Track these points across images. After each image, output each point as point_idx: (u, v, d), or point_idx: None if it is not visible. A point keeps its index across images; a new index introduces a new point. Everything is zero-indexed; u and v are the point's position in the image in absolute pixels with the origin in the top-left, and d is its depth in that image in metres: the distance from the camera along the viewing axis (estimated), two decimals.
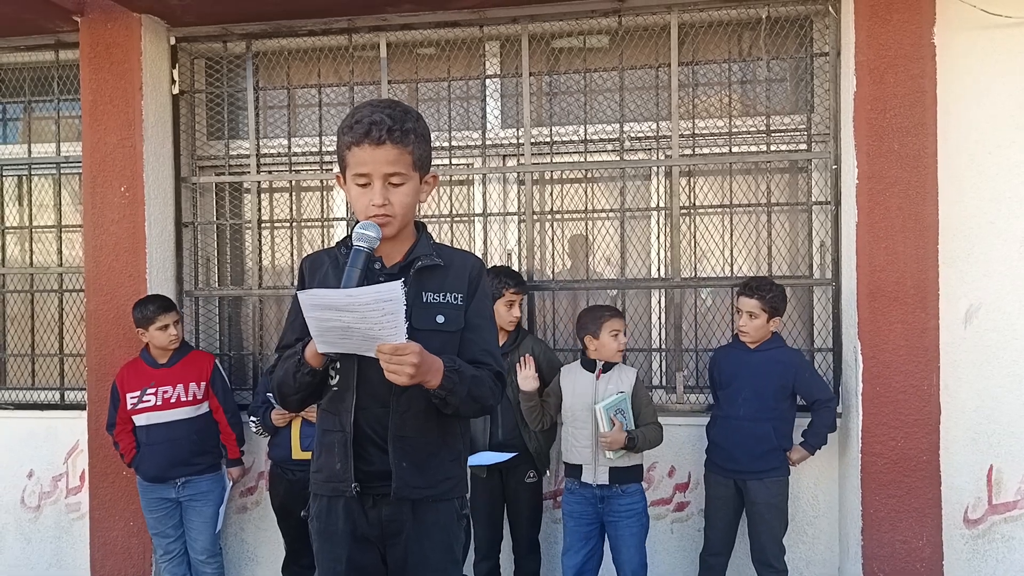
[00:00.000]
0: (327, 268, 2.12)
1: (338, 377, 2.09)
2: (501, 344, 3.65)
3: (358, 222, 1.99)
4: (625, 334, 3.62)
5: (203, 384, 3.93)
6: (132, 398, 3.84)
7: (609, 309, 3.63)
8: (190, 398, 3.88)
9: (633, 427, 3.48)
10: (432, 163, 2.14)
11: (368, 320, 1.79)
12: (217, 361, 4.05)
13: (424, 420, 2.07)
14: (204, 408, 3.94)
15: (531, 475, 3.74)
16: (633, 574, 3.52)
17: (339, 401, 2.09)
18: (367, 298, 1.78)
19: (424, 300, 2.07)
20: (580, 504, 3.57)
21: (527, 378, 3.52)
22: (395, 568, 2.12)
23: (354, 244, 1.95)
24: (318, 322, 1.85)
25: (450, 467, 2.15)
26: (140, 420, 3.84)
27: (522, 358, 3.48)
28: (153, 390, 3.84)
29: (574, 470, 3.56)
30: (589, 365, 3.58)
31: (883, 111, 3.61)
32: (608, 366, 3.56)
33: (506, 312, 3.68)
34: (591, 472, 3.51)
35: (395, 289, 1.76)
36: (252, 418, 3.88)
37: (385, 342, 1.82)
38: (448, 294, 2.10)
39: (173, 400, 3.85)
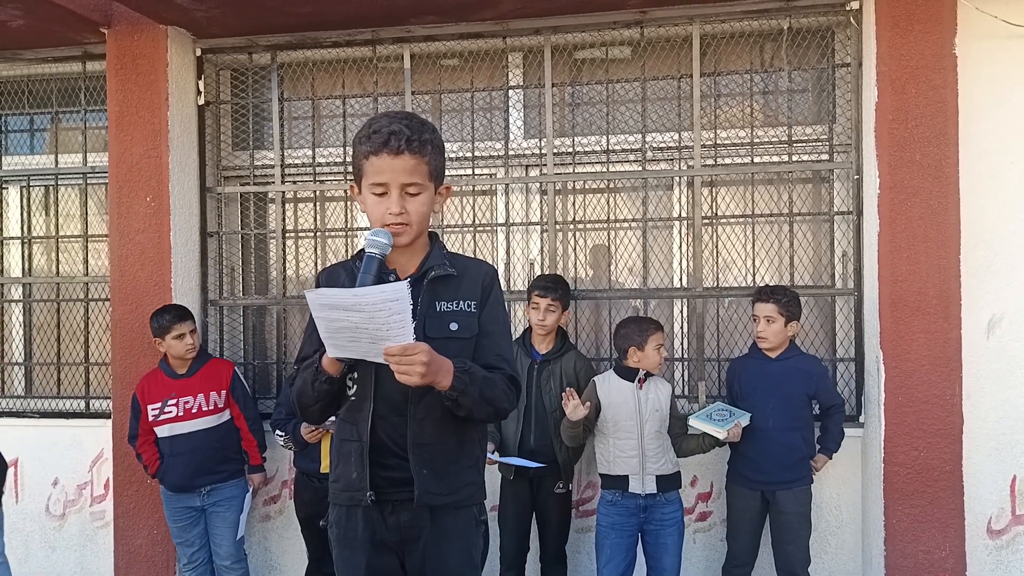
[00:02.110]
0: (343, 281, 2.13)
1: (356, 387, 2.10)
2: (546, 351, 3.72)
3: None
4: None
5: (223, 392, 3.94)
6: (153, 409, 3.85)
7: (654, 323, 3.63)
8: (211, 407, 3.90)
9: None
10: (449, 174, 2.16)
11: (376, 320, 1.81)
12: (236, 368, 4.07)
13: (442, 427, 2.08)
14: (226, 416, 3.95)
15: (560, 486, 3.74)
16: None
17: (357, 411, 2.11)
18: (373, 298, 1.80)
19: (438, 309, 2.09)
20: (622, 516, 3.53)
21: (576, 408, 3.43)
22: (414, 573, 2.14)
23: (366, 251, 1.97)
24: (327, 323, 1.87)
25: (469, 473, 2.17)
26: (162, 431, 3.86)
27: (565, 391, 3.48)
28: (174, 401, 3.85)
29: (618, 481, 3.53)
30: (627, 374, 3.58)
31: (905, 121, 3.62)
32: (645, 376, 3.58)
33: (534, 314, 3.70)
34: (639, 482, 3.49)
35: (400, 289, 1.78)
36: (279, 433, 3.81)
37: (393, 343, 1.84)
38: (461, 302, 2.11)
39: (194, 410, 3.87)
